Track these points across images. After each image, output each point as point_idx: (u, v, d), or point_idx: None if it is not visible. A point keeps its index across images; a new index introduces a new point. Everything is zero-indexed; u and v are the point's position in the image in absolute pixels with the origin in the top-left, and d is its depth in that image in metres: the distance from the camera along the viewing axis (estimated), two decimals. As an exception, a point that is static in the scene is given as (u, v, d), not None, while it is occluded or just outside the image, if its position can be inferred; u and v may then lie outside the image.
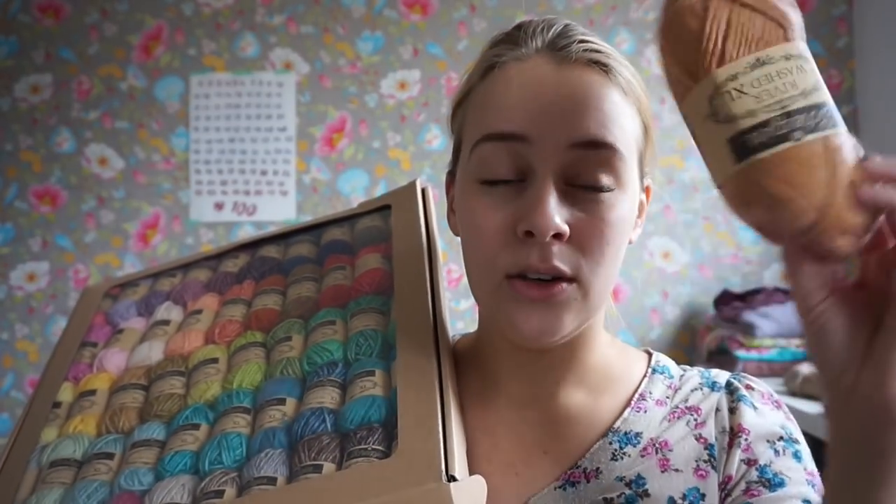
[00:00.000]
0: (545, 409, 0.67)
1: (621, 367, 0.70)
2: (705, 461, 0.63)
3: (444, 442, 0.53)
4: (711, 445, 0.63)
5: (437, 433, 0.53)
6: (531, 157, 0.59)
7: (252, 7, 2.79)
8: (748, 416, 0.64)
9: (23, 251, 2.77)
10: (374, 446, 0.55)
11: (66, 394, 0.74)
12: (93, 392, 0.73)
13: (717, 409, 0.66)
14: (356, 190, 2.75)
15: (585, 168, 0.59)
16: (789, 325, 2.32)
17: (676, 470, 0.62)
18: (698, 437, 0.64)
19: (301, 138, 2.78)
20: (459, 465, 0.53)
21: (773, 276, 2.70)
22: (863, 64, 2.68)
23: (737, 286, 2.67)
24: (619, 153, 0.59)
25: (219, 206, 2.77)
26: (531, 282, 0.59)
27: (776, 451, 0.63)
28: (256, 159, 2.77)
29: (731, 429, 0.64)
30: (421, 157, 2.73)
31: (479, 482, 0.53)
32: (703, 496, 0.61)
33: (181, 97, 2.79)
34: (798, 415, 1.92)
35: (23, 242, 2.77)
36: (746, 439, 0.63)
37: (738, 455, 0.63)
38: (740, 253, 2.71)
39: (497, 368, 0.68)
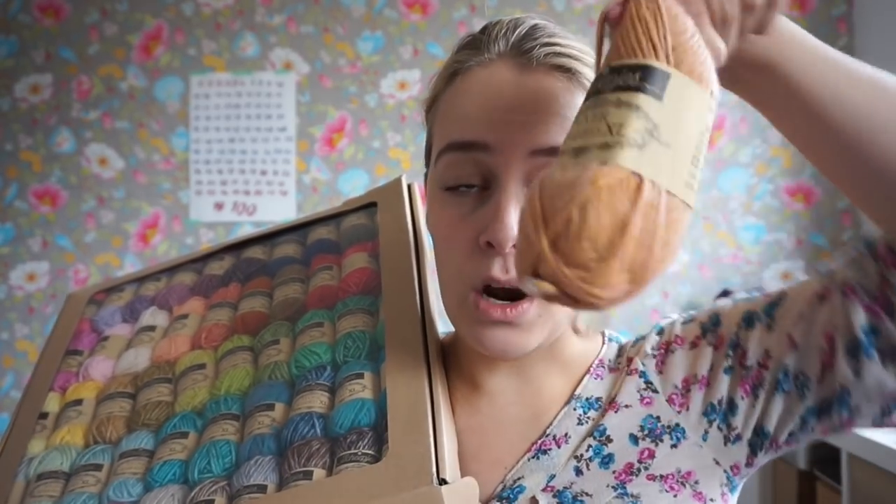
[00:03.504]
0: (530, 404, 0.67)
1: (592, 350, 0.71)
2: (644, 388, 0.65)
3: (435, 445, 0.53)
4: (643, 373, 0.65)
5: (427, 436, 0.53)
6: (493, 166, 0.59)
7: (252, 7, 2.79)
8: (672, 329, 0.67)
9: (23, 251, 2.77)
10: (364, 451, 0.55)
11: (52, 404, 0.73)
12: (79, 402, 0.72)
13: (644, 352, 0.67)
14: (356, 190, 2.75)
15: None
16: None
17: (626, 406, 0.64)
18: (630, 372, 0.66)
19: (301, 138, 2.78)
20: (451, 468, 0.52)
21: (773, 276, 2.69)
22: (864, 63, 2.67)
23: (737, 286, 2.67)
24: None
25: (219, 206, 2.77)
26: (493, 303, 0.59)
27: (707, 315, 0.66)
28: (256, 159, 2.77)
29: (658, 349, 0.66)
30: (421, 157, 2.71)
31: (470, 484, 0.52)
32: (657, 419, 0.63)
33: (181, 97, 2.79)
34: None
35: (23, 242, 2.77)
36: (682, 343, 0.65)
37: (680, 356, 0.65)
38: (740, 253, 2.70)
39: (477, 372, 0.68)
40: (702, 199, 2.70)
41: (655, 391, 0.64)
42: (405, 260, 0.69)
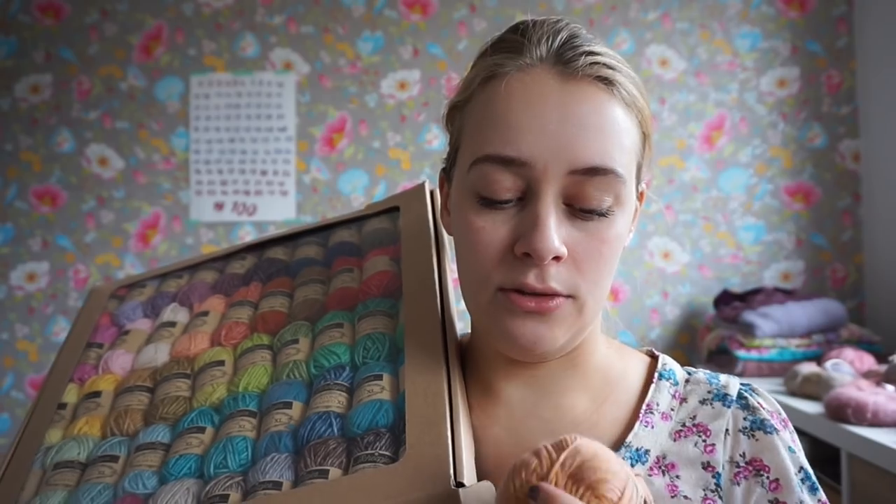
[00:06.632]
0: (549, 419, 0.65)
1: (621, 370, 0.69)
2: (712, 490, 0.62)
3: (453, 447, 0.53)
4: (718, 474, 0.62)
5: (445, 438, 0.53)
6: (532, 180, 0.58)
7: (252, 7, 2.79)
8: (770, 453, 0.63)
9: (23, 251, 2.76)
10: (381, 451, 0.55)
11: (71, 395, 0.74)
12: (98, 394, 0.72)
13: (727, 431, 0.64)
14: (356, 190, 2.75)
15: (586, 192, 0.58)
16: (789, 325, 2.32)
17: (686, 497, 0.61)
18: (706, 466, 0.63)
19: (301, 138, 2.78)
20: (468, 471, 0.52)
21: (773, 276, 2.70)
22: (863, 64, 2.68)
23: (737, 286, 2.68)
24: (620, 176, 0.59)
25: (219, 206, 2.77)
26: (526, 294, 0.59)
27: (801, 486, 0.62)
28: (256, 159, 2.77)
29: (745, 459, 0.63)
30: (421, 157, 2.73)
31: (488, 488, 0.52)
32: None
33: (181, 97, 2.78)
34: (798, 414, 1.93)
35: (23, 242, 2.77)
36: (769, 477, 0.62)
37: (758, 491, 0.62)
38: (740, 253, 2.71)
39: (494, 378, 0.67)
40: (702, 199, 2.71)
41: (721, 497, 0.62)
42: (427, 265, 0.70)
